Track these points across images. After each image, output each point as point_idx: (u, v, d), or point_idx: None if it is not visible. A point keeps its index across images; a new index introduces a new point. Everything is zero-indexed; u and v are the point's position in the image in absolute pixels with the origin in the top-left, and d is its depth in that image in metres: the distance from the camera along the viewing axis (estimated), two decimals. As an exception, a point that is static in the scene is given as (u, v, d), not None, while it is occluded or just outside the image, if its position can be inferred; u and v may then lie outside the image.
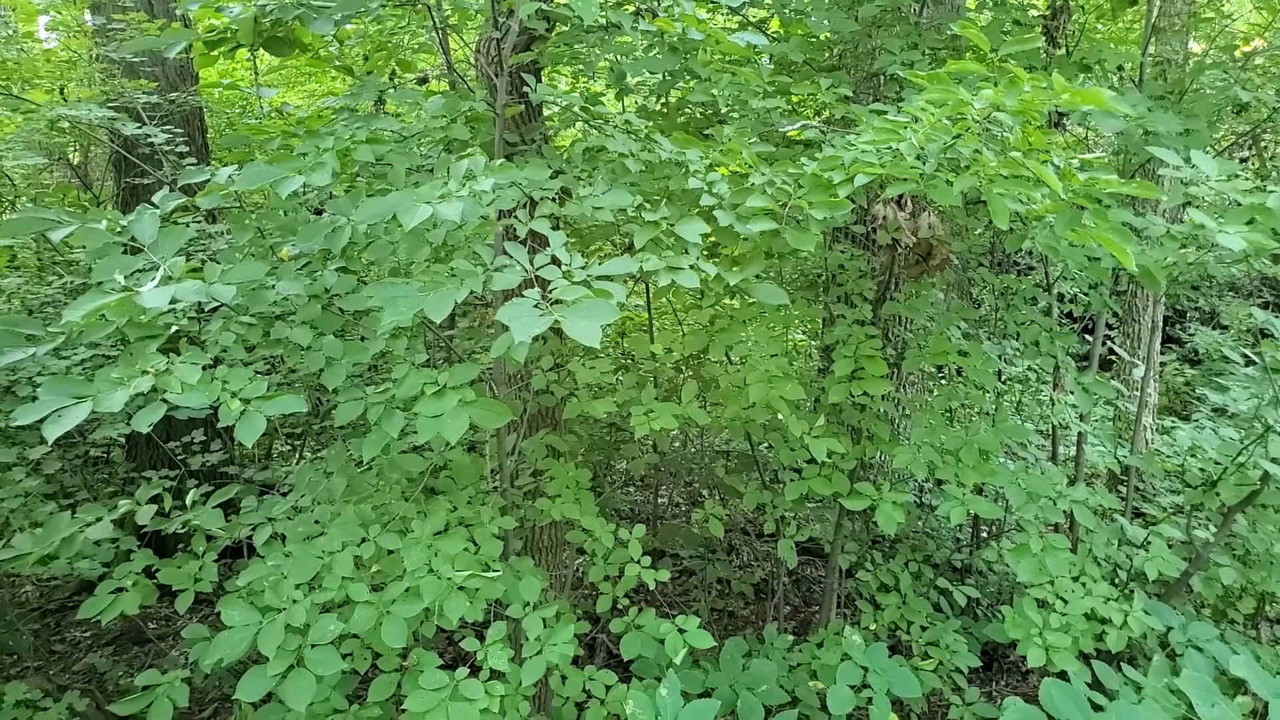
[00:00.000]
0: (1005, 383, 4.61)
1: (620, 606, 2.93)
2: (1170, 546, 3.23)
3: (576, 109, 2.91)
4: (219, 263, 2.16)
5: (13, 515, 3.19)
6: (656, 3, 2.82)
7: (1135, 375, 5.66)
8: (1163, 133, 2.87)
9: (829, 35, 3.68)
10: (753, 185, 2.37)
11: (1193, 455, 3.89)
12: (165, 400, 1.89)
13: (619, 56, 3.21)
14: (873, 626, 3.62)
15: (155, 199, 2.21)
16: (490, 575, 2.31)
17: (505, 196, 2.32)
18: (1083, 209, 2.25)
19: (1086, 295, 4.10)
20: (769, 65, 3.28)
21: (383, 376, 2.67)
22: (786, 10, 3.55)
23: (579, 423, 3.55)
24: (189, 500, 2.69)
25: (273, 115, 5.61)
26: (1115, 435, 5.38)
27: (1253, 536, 3.38)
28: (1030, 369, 4.45)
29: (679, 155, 2.57)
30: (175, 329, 2.17)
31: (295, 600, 2.17)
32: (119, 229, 2.10)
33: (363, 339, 2.41)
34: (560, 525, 3.32)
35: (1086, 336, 4.30)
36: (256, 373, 2.10)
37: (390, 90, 3.06)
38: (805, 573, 5.22)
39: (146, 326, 2.07)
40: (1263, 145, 5.29)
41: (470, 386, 2.17)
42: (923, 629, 3.60)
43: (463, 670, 2.27)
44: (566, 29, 3.13)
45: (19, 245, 5.14)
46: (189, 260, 2.09)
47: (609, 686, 2.73)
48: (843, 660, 3.03)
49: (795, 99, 3.55)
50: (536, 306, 1.77)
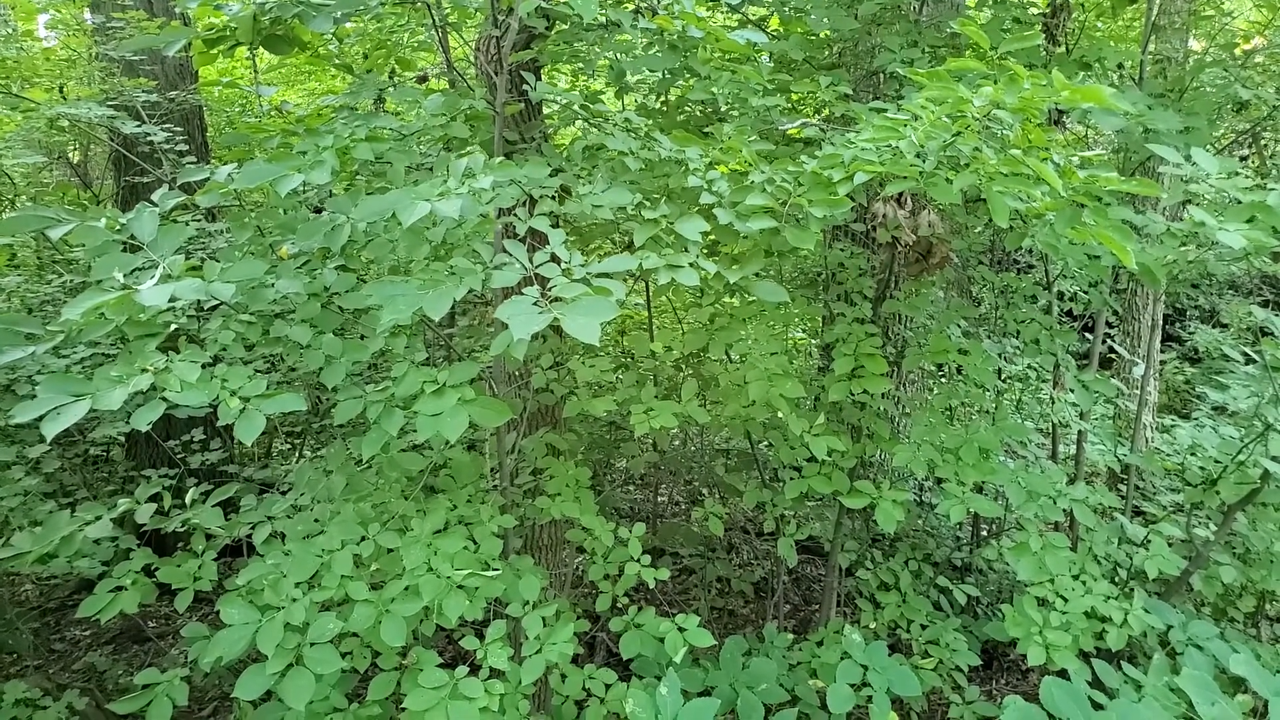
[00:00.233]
0: (1005, 381, 4.60)
1: (620, 605, 2.93)
2: (1170, 545, 3.23)
3: (576, 107, 2.90)
4: (218, 261, 2.16)
5: (12, 514, 3.19)
6: (656, 0, 2.82)
7: (1135, 373, 5.65)
8: (1163, 130, 2.87)
9: (829, 33, 3.67)
10: (752, 183, 2.37)
11: (1193, 453, 3.89)
12: (164, 398, 1.89)
13: (619, 54, 3.20)
14: (873, 625, 3.62)
15: (154, 197, 2.20)
16: (490, 574, 2.31)
17: (505, 194, 2.31)
18: (1083, 207, 2.25)
19: (1086, 293, 4.10)
20: (769, 63, 3.28)
21: (382, 375, 2.67)
22: (786, 8, 3.54)
23: (579, 421, 3.55)
24: (188, 499, 2.68)
25: (272, 113, 5.60)
26: (1115, 433, 5.38)
27: (1253, 535, 3.38)
28: (1030, 367, 4.44)
29: (679, 153, 2.57)
30: (174, 327, 2.17)
31: (294, 599, 2.17)
32: (118, 227, 2.09)
33: (362, 337, 2.41)
34: (560, 524, 3.32)
35: (1086, 334, 4.30)
36: (256, 371, 2.10)
37: (390, 88, 3.06)
38: (805, 571, 5.22)
39: (146, 324, 2.07)
40: (1263, 143, 5.29)
41: (470, 385, 2.17)
42: (923, 627, 3.60)
43: (462, 669, 2.27)
44: (566, 27, 3.12)
45: (18, 243, 5.13)
46: (188, 258, 2.08)
47: (609, 685, 2.73)
48: (842, 659, 3.03)
49: (795, 97, 3.55)
50: (536, 304, 1.77)
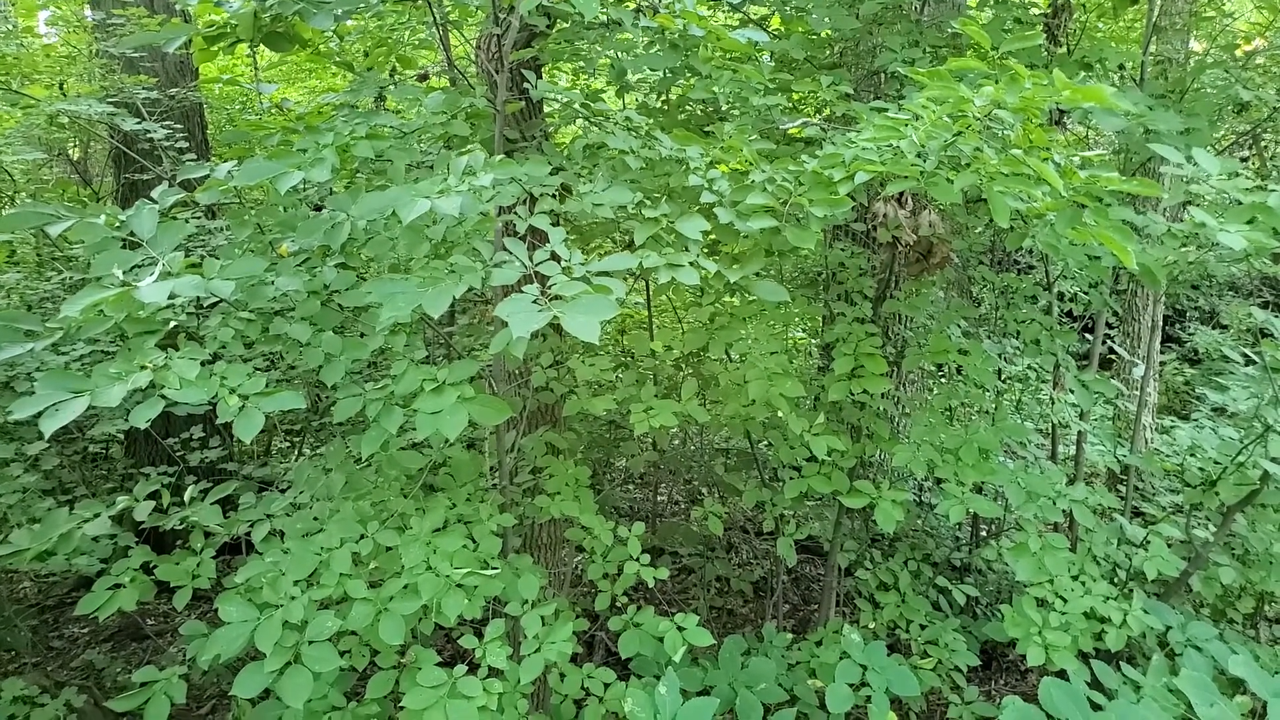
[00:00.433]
0: (1005, 381, 4.60)
1: (619, 604, 2.92)
2: (1169, 546, 3.23)
3: (577, 106, 2.90)
4: (218, 258, 2.15)
5: (11, 511, 3.19)
6: (657, -1, 2.82)
7: (1135, 374, 5.65)
8: (1164, 131, 2.87)
9: (830, 32, 3.67)
10: (753, 182, 2.37)
11: (1192, 455, 3.88)
12: (163, 396, 1.88)
13: (620, 53, 3.20)
14: (872, 625, 3.62)
15: (154, 194, 2.20)
16: (489, 572, 2.31)
17: (505, 192, 2.31)
18: (1083, 207, 2.25)
19: (1087, 294, 4.10)
20: (770, 62, 3.28)
21: (382, 373, 2.66)
22: (787, 7, 3.54)
23: (578, 420, 3.55)
24: (187, 496, 2.68)
25: (272, 111, 5.59)
26: (1115, 434, 5.37)
27: (1252, 536, 3.38)
28: (1030, 367, 4.44)
29: (679, 152, 2.56)
30: (174, 324, 2.16)
31: (293, 597, 2.17)
32: (118, 224, 2.09)
33: (362, 335, 2.41)
34: (559, 523, 3.32)
35: (1086, 335, 4.30)
36: (255, 369, 2.09)
37: (390, 86, 3.06)
38: (804, 571, 5.22)
39: (145, 322, 2.06)
40: (1263, 144, 5.29)
41: (469, 383, 2.17)
42: (922, 627, 3.60)
43: (461, 668, 2.27)
44: (567, 25, 3.12)
45: (18, 240, 5.13)
46: (188, 256, 2.08)
47: (608, 684, 2.73)
48: (841, 658, 3.03)
49: (796, 96, 3.55)
50: (535, 302, 1.76)
